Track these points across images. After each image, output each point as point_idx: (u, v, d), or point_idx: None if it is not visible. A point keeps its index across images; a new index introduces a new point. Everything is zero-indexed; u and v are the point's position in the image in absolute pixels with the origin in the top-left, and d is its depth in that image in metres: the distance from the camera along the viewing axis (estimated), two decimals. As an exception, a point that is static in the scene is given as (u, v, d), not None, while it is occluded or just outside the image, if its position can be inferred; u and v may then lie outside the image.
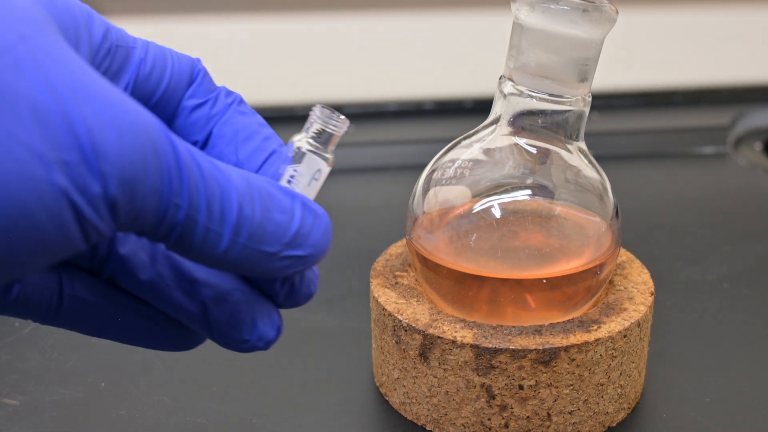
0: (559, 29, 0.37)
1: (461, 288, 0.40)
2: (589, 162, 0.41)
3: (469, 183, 0.41)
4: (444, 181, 0.41)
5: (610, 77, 0.82)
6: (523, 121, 0.40)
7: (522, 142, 0.40)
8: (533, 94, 0.39)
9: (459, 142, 0.42)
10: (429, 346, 0.39)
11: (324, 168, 0.29)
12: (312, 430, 0.41)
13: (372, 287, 0.42)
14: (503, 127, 0.40)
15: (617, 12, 0.37)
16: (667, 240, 0.60)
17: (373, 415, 0.42)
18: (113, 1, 0.78)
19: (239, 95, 0.31)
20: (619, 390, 0.40)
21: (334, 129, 0.29)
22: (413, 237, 0.41)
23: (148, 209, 0.22)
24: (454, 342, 0.38)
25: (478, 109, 0.81)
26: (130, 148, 0.21)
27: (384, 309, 0.40)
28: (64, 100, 0.21)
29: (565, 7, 0.36)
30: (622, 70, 0.84)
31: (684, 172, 0.74)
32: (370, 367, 0.45)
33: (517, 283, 0.39)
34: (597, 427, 0.40)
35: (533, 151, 0.40)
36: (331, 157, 0.29)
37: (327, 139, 0.29)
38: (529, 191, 0.40)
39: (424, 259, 0.41)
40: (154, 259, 0.27)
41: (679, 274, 0.55)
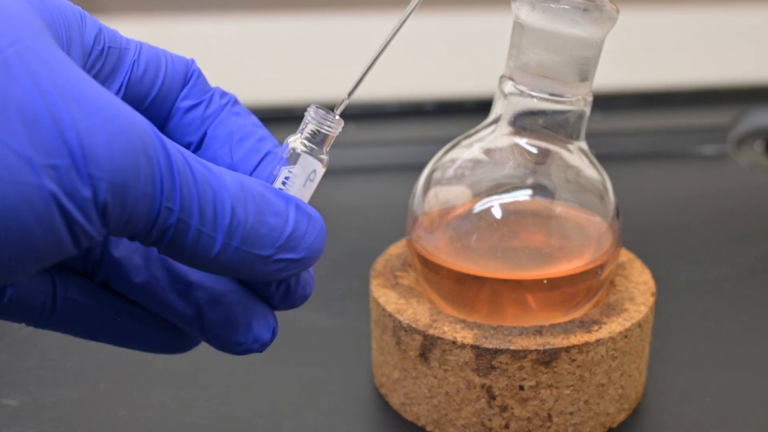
0: (560, 29, 0.37)
1: (461, 288, 0.40)
2: (590, 162, 0.41)
3: (470, 183, 0.41)
4: (444, 181, 0.41)
5: (610, 77, 0.82)
6: (524, 120, 0.40)
7: (522, 141, 0.40)
8: (534, 93, 0.39)
9: (459, 142, 0.42)
10: (429, 346, 0.38)
11: (319, 169, 0.29)
12: (312, 430, 0.41)
13: (372, 287, 0.42)
14: (504, 126, 0.40)
15: (618, 11, 0.37)
16: (668, 240, 0.60)
17: (373, 416, 0.42)
18: (111, 0, 0.78)
19: (234, 96, 0.31)
20: (619, 390, 0.40)
21: (329, 130, 0.29)
22: (413, 237, 0.41)
23: (139, 213, 0.22)
24: (454, 342, 0.38)
25: (478, 109, 0.81)
26: (120, 152, 0.21)
27: (384, 309, 0.40)
28: (53, 104, 0.21)
29: (566, 6, 0.36)
30: (622, 70, 0.84)
31: (684, 172, 0.74)
32: (370, 368, 0.45)
33: (518, 284, 0.39)
34: (598, 427, 0.40)
35: (534, 151, 0.40)
36: (326, 157, 0.29)
37: (322, 140, 0.29)
38: (529, 191, 0.40)
39: (424, 259, 0.41)
40: (148, 262, 0.27)
41: (680, 274, 0.55)
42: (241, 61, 0.82)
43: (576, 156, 0.40)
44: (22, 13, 0.22)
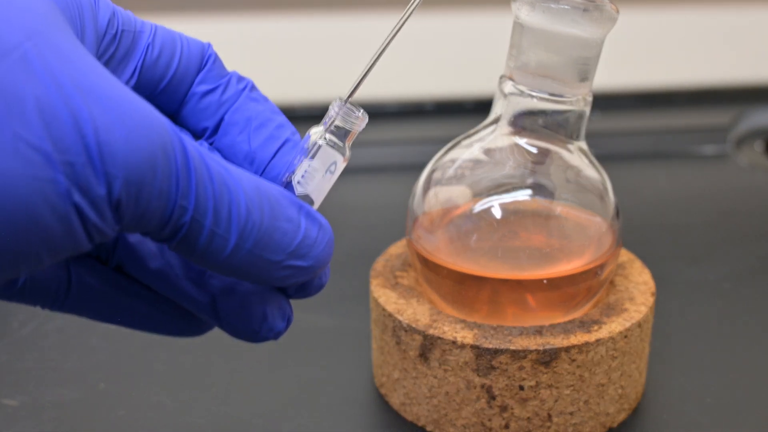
0: (560, 29, 0.37)
1: (461, 288, 0.40)
2: (590, 162, 0.41)
3: (470, 183, 0.41)
4: (444, 181, 0.41)
5: (610, 77, 0.82)
6: (524, 120, 0.39)
7: (522, 141, 0.40)
8: (534, 93, 0.39)
9: (459, 142, 0.42)
10: (429, 346, 0.38)
11: (340, 162, 0.29)
12: (312, 430, 0.41)
13: (372, 287, 0.42)
14: (503, 126, 0.40)
15: (618, 11, 0.37)
16: (668, 240, 0.60)
17: (373, 416, 0.42)
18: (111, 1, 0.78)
19: (251, 81, 0.30)
20: (619, 390, 0.40)
21: (353, 124, 0.29)
22: (413, 237, 0.41)
23: (154, 210, 0.22)
24: (454, 342, 0.38)
25: (478, 109, 0.81)
26: (137, 149, 0.21)
27: (384, 309, 0.40)
28: (72, 100, 0.21)
29: (566, 6, 0.36)
30: (622, 70, 0.84)
31: (684, 172, 0.74)
32: (370, 368, 0.45)
33: (518, 284, 0.39)
34: (598, 427, 0.40)
35: (534, 150, 0.40)
36: (349, 152, 0.29)
37: (345, 134, 0.29)
38: (529, 191, 0.40)
39: (424, 259, 0.41)
40: (163, 249, 0.27)
41: (680, 274, 0.55)
42: (241, 61, 0.82)
43: (576, 156, 0.40)
44: (38, 4, 0.22)
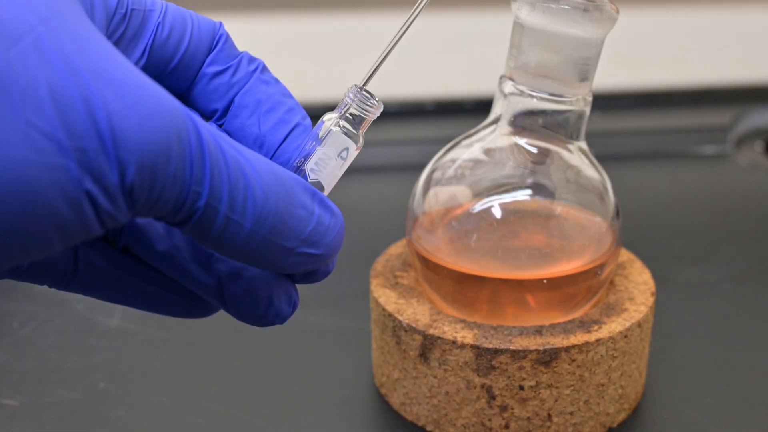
0: (560, 29, 0.37)
1: (461, 288, 0.40)
2: (590, 162, 0.41)
3: (470, 183, 0.41)
4: (444, 181, 0.41)
5: (610, 77, 0.82)
6: (524, 120, 0.39)
7: (522, 141, 0.40)
8: (534, 93, 0.39)
9: (459, 142, 0.42)
10: (429, 346, 0.38)
11: (352, 149, 0.29)
12: (312, 430, 0.41)
13: (372, 287, 0.42)
14: (503, 126, 0.40)
15: (618, 11, 0.37)
16: (668, 240, 0.60)
17: (373, 416, 0.42)
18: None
19: (262, 62, 0.30)
20: (619, 390, 0.40)
21: (367, 112, 0.29)
22: (413, 237, 0.41)
23: (167, 196, 0.22)
24: (454, 342, 0.38)
25: (478, 109, 0.81)
26: (151, 135, 0.21)
27: (384, 309, 0.40)
28: (85, 85, 0.20)
29: (566, 6, 0.36)
30: (622, 70, 0.84)
31: (684, 172, 0.74)
32: (370, 368, 0.45)
33: (518, 284, 0.39)
34: (598, 427, 0.40)
35: (534, 150, 0.40)
36: (362, 139, 0.29)
37: (359, 121, 0.29)
38: (529, 191, 0.40)
39: (424, 259, 0.40)
40: (170, 231, 0.27)
41: (680, 274, 0.55)
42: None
43: (576, 156, 0.40)
44: None
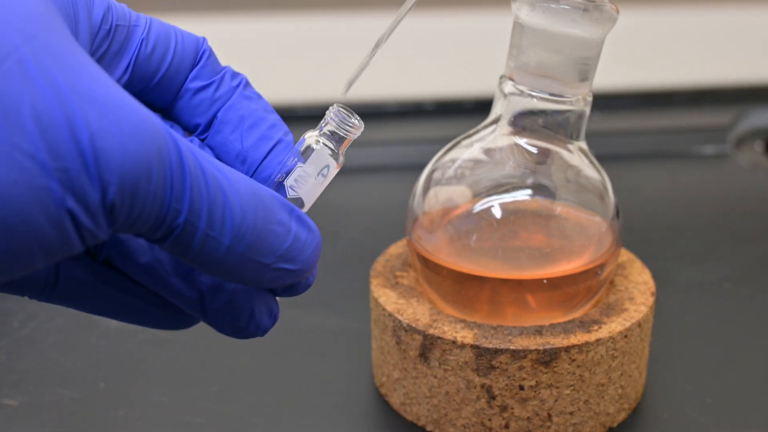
0: (560, 29, 0.37)
1: (461, 288, 0.40)
2: (590, 162, 0.41)
3: (470, 183, 0.41)
4: (444, 181, 0.41)
5: (610, 77, 0.82)
6: (524, 120, 0.39)
7: (522, 141, 0.40)
8: (534, 93, 0.39)
9: (459, 142, 0.42)
10: (429, 346, 0.38)
11: (333, 167, 0.29)
12: (312, 430, 0.41)
13: (372, 287, 0.42)
14: (503, 126, 0.40)
15: (618, 11, 0.37)
16: (668, 240, 0.60)
17: (373, 416, 0.42)
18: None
19: (245, 77, 0.30)
20: (619, 390, 0.40)
21: (347, 132, 0.29)
22: (413, 237, 0.41)
23: (147, 214, 0.22)
24: (454, 342, 0.38)
25: (478, 109, 0.81)
26: (133, 154, 0.21)
27: (384, 309, 0.40)
28: (68, 105, 0.21)
29: (566, 6, 0.36)
30: (622, 70, 0.84)
31: (684, 172, 0.74)
32: (370, 368, 0.45)
33: (518, 284, 0.39)
34: (598, 427, 0.40)
35: (534, 150, 0.40)
36: (342, 158, 0.29)
37: (339, 140, 0.29)
38: (529, 191, 0.40)
39: (424, 259, 0.40)
40: (152, 244, 0.27)
41: (680, 274, 0.55)
42: (240, 62, 0.81)
43: (576, 156, 0.40)
44: (34, 4, 0.22)
